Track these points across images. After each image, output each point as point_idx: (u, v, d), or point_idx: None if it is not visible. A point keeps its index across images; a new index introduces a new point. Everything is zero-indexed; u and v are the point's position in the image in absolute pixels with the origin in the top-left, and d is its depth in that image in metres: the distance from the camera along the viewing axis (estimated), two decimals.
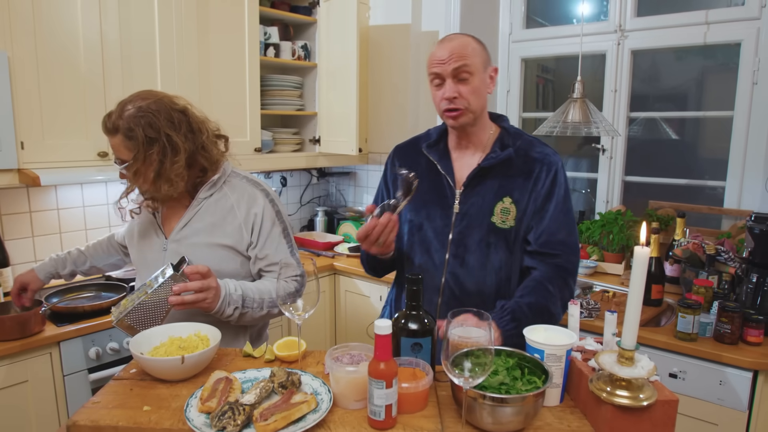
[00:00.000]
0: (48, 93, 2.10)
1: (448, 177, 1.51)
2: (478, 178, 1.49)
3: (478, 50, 1.44)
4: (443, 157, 1.54)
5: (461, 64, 1.39)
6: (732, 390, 1.86)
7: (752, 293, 2.01)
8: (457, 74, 1.40)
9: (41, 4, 2.05)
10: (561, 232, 1.47)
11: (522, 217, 1.47)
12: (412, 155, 1.61)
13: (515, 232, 1.47)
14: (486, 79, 1.46)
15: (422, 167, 1.55)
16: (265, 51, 2.94)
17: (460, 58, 1.39)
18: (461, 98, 1.41)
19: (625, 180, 3.00)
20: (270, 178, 3.39)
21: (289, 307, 1.19)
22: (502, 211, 1.46)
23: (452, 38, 1.44)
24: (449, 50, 1.40)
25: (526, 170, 1.48)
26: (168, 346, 1.26)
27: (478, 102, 1.44)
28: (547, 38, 3.16)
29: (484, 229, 1.46)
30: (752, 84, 2.50)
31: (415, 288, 1.16)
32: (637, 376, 1.03)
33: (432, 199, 1.52)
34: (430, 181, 1.54)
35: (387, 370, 0.99)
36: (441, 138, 1.59)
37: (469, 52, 1.41)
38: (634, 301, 1.05)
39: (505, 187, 1.47)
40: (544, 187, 1.47)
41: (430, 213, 1.52)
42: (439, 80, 1.43)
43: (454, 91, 1.40)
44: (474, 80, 1.41)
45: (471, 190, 1.49)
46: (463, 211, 1.49)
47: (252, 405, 1.04)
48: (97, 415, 1.07)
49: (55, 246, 2.48)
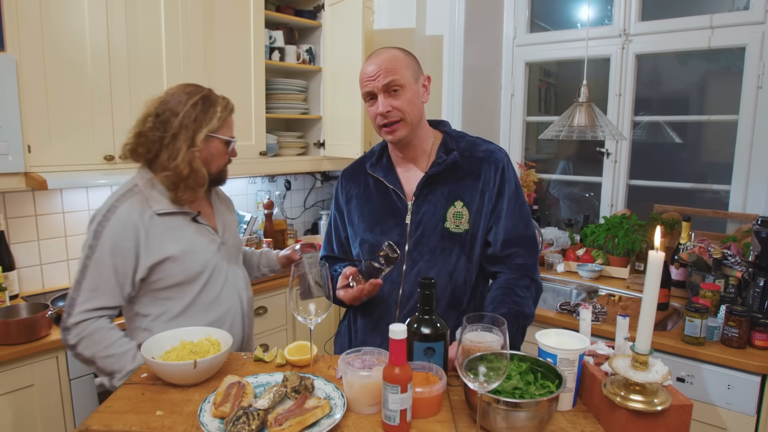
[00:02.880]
0: (55, 97, 2.10)
1: (397, 190, 1.50)
2: (428, 187, 1.48)
3: (407, 62, 1.42)
4: (388, 173, 1.53)
5: (390, 79, 1.38)
6: (740, 394, 1.86)
7: (759, 297, 2.01)
8: (388, 89, 1.39)
9: (49, 9, 2.05)
10: (518, 227, 1.49)
11: (476, 219, 1.47)
12: (359, 177, 1.60)
13: (470, 235, 1.47)
14: (419, 89, 1.44)
15: (371, 187, 1.55)
16: (270, 55, 2.94)
17: (389, 72, 1.38)
18: (395, 111, 1.40)
19: (629, 184, 3.00)
20: (274, 181, 3.39)
21: (302, 312, 1.19)
22: (455, 215, 1.46)
23: (379, 53, 1.43)
24: (377, 66, 1.39)
25: (473, 171, 1.48)
26: (179, 351, 1.26)
27: (414, 112, 1.42)
28: (552, 42, 3.17)
29: (438, 236, 1.45)
30: (757, 88, 2.50)
31: (428, 292, 1.16)
32: (651, 381, 1.03)
33: (384, 215, 1.51)
34: (381, 197, 1.53)
35: (402, 374, 0.99)
36: (382, 153, 1.58)
37: (398, 66, 1.39)
38: (648, 306, 1.05)
39: (455, 191, 1.47)
40: (495, 185, 1.47)
41: (384, 229, 1.50)
42: (371, 98, 1.42)
43: (387, 106, 1.39)
44: (406, 92, 1.40)
45: (422, 200, 1.48)
46: (416, 221, 1.47)
47: (266, 410, 1.04)
48: (110, 420, 1.07)
49: (61, 250, 2.48)
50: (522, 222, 1.50)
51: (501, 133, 3.42)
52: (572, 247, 2.93)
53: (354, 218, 1.57)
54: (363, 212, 1.54)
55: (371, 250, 1.50)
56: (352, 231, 1.58)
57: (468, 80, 3.11)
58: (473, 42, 3.11)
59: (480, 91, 3.24)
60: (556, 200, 3.42)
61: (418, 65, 1.46)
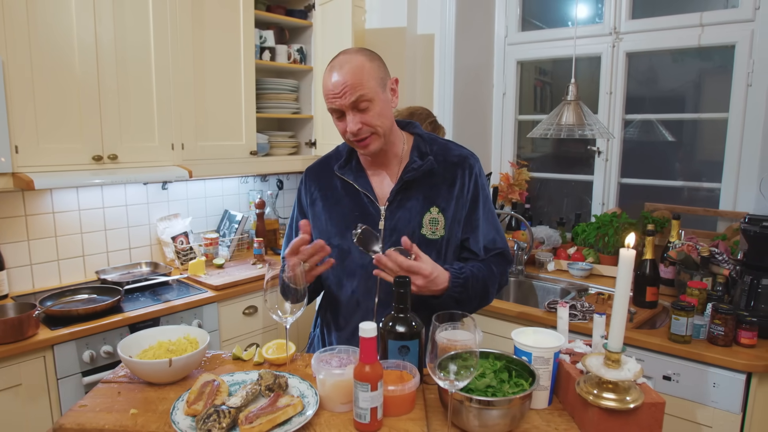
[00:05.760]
0: (42, 97, 2.11)
1: (368, 195, 1.44)
2: (402, 192, 1.43)
3: (372, 70, 1.32)
4: (359, 176, 1.46)
5: (358, 96, 1.29)
6: (726, 392, 1.86)
7: (746, 295, 2.01)
8: (356, 105, 1.31)
9: (36, 8, 2.05)
10: (493, 232, 1.49)
11: (452, 225, 1.44)
12: (325, 177, 1.53)
13: (446, 241, 1.44)
14: (387, 96, 1.37)
15: (339, 189, 1.49)
16: (260, 54, 2.95)
17: (354, 88, 1.29)
18: (365, 127, 1.33)
19: (620, 182, 3.00)
20: (266, 181, 3.39)
21: (277, 310, 1.19)
22: (431, 221, 1.42)
23: (342, 64, 1.32)
24: (342, 83, 1.29)
25: (448, 177, 1.45)
26: (156, 349, 1.26)
27: (385, 124, 1.36)
28: (542, 41, 3.17)
29: (415, 243, 1.36)
30: (747, 86, 2.50)
31: (402, 291, 1.16)
32: (623, 379, 1.03)
33: (356, 220, 1.42)
34: (351, 200, 1.46)
35: (372, 372, 0.99)
36: (351, 156, 1.50)
37: (364, 78, 1.30)
38: (620, 304, 1.05)
39: (430, 197, 1.43)
40: (469, 192, 1.45)
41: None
42: (339, 114, 1.35)
43: (356, 123, 1.32)
44: (375, 105, 1.32)
45: (396, 205, 1.43)
46: (390, 227, 1.42)
47: (238, 408, 1.04)
48: (83, 419, 1.07)
49: (51, 250, 2.49)
50: (494, 227, 1.50)
51: (493, 131, 3.42)
52: (563, 245, 2.93)
53: (320, 221, 1.50)
54: (332, 215, 1.48)
55: (341, 255, 1.46)
56: (317, 234, 1.50)
57: (459, 79, 3.11)
58: (465, 41, 3.11)
59: (472, 90, 3.24)
60: (550, 199, 3.42)
61: (383, 69, 1.38)
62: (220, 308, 2.51)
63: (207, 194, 3.11)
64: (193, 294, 2.43)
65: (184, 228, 2.86)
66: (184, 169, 2.51)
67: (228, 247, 2.96)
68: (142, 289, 2.45)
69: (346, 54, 1.35)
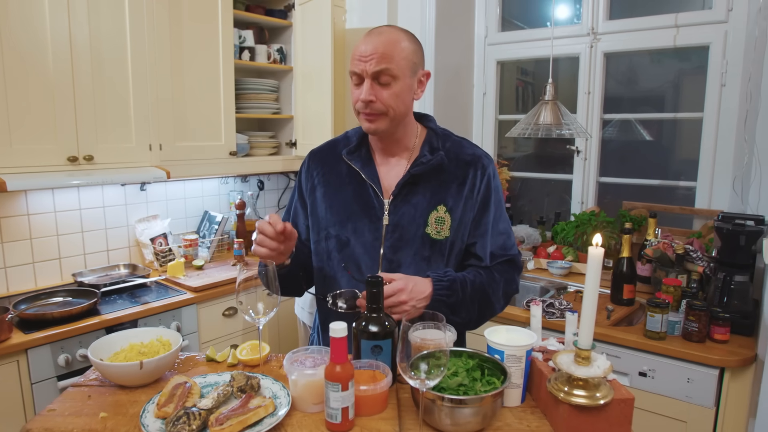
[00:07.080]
0: (15, 97, 2.07)
1: (374, 186, 1.38)
2: (409, 186, 1.37)
3: (408, 51, 1.29)
4: (366, 164, 1.40)
5: (383, 67, 1.25)
6: (700, 387, 1.88)
7: (719, 292, 2.04)
8: (378, 77, 1.26)
9: (7, 8, 2.02)
10: (503, 237, 1.43)
11: (458, 226, 1.38)
12: (330, 162, 1.45)
13: (450, 243, 1.38)
14: (413, 84, 1.32)
15: (343, 175, 1.42)
16: (240, 54, 2.93)
17: (383, 59, 1.25)
18: (378, 103, 1.28)
19: (599, 181, 3.03)
20: (247, 181, 3.37)
21: (249, 311, 1.19)
22: (437, 220, 1.36)
23: (381, 31, 1.28)
24: (373, 47, 1.25)
25: (459, 175, 1.39)
26: (128, 352, 1.24)
27: (399, 108, 1.30)
28: (522, 41, 3.19)
29: (419, 242, 1.35)
30: (720, 86, 2.54)
31: (375, 290, 1.16)
32: (593, 376, 1.04)
33: (358, 210, 1.38)
34: (354, 190, 1.40)
35: (343, 372, 0.99)
36: (362, 142, 1.43)
37: (396, 53, 1.26)
38: (589, 301, 1.06)
39: (439, 194, 1.37)
40: (480, 193, 1.39)
41: (357, 226, 1.38)
42: (358, 78, 1.29)
43: (370, 95, 1.26)
44: (396, 85, 1.27)
45: (401, 200, 1.37)
46: (393, 223, 1.36)
47: (209, 410, 1.03)
48: (51, 423, 1.06)
49: (26, 252, 2.45)
50: (506, 232, 1.44)
51: (474, 131, 3.44)
52: (543, 244, 2.95)
53: (319, 209, 1.44)
54: (333, 203, 1.41)
55: (339, 246, 1.40)
56: (315, 221, 1.44)
57: (439, 79, 3.12)
58: (445, 41, 3.12)
59: (452, 89, 3.25)
60: (531, 198, 3.44)
61: (419, 56, 1.33)
62: (200, 310, 2.49)
63: (186, 195, 3.08)
64: (171, 296, 2.40)
65: (163, 229, 2.83)
66: (162, 170, 2.48)
67: (208, 249, 2.94)
68: (119, 291, 2.42)
69: (390, 27, 1.32)
